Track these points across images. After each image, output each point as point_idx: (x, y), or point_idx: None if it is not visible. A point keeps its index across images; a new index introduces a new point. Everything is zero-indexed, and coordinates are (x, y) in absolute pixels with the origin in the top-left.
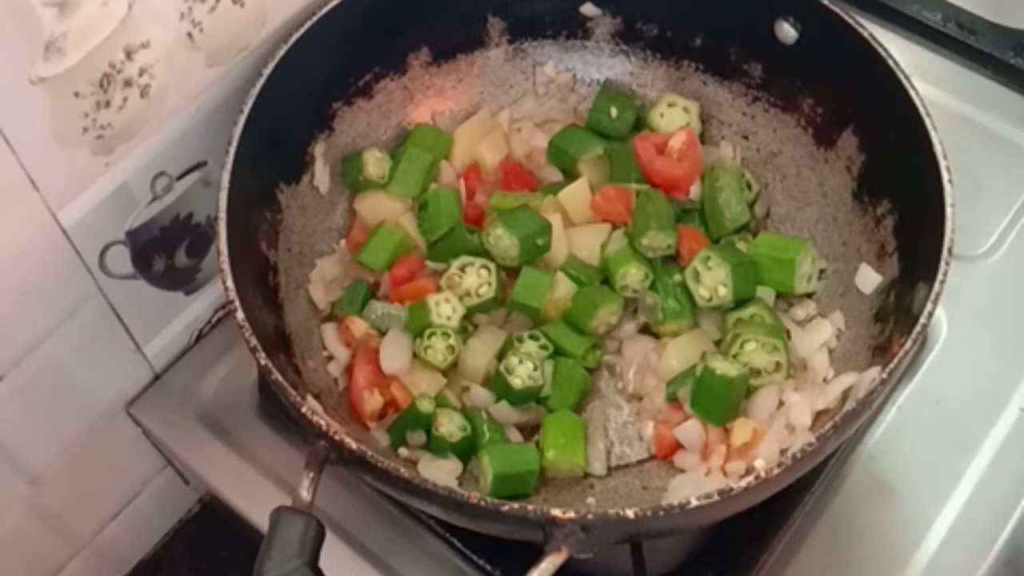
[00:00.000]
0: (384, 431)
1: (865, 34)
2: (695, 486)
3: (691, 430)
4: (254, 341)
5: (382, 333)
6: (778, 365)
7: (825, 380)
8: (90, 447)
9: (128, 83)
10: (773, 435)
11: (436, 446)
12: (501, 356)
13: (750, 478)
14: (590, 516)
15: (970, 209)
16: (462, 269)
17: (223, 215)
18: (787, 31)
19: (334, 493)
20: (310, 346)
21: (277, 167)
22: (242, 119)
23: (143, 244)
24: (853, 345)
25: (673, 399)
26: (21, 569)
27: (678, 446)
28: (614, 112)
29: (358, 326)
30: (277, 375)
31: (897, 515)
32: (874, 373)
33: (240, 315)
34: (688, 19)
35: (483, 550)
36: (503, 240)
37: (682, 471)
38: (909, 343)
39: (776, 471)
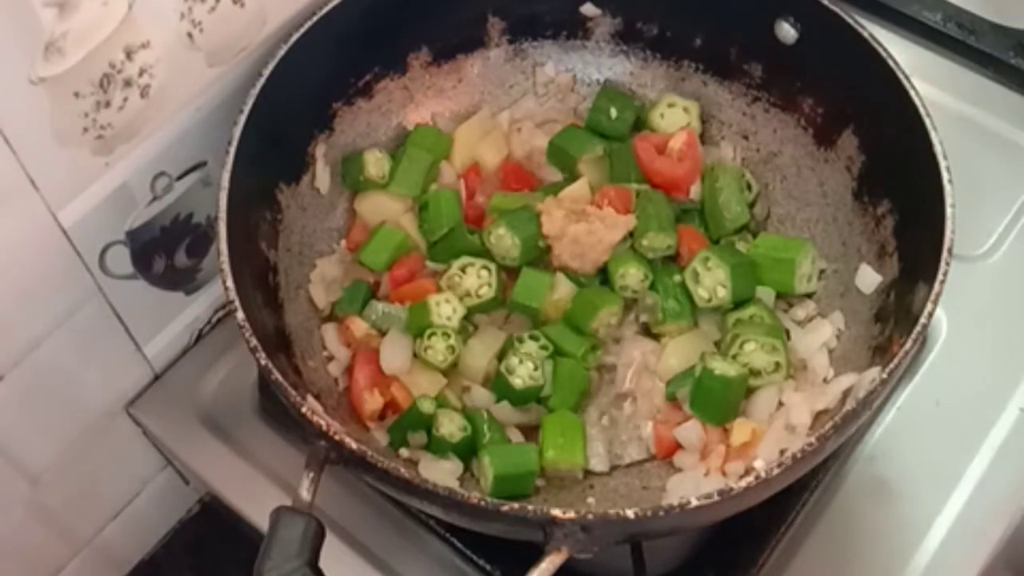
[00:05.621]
0: (384, 431)
1: (865, 34)
2: (694, 486)
3: (691, 430)
4: (254, 341)
5: (382, 333)
6: (777, 365)
7: (825, 380)
8: (90, 447)
9: (128, 83)
10: (773, 435)
11: (437, 446)
12: (501, 356)
13: (750, 478)
14: (590, 516)
15: (970, 209)
16: (462, 269)
17: (223, 215)
18: (787, 31)
19: (334, 493)
20: (310, 346)
21: (277, 167)
22: (242, 119)
23: (143, 244)
24: (853, 345)
25: (672, 399)
26: (21, 569)
27: (678, 446)
28: (614, 112)
29: (358, 326)
30: (277, 375)
31: (897, 515)
32: (874, 373)
33: (240, 315)
34: (688, 19)
35: (483, 550)
36: (504, 240)
37: (681, 471)
38: (909, 343)
39: (776, 471)
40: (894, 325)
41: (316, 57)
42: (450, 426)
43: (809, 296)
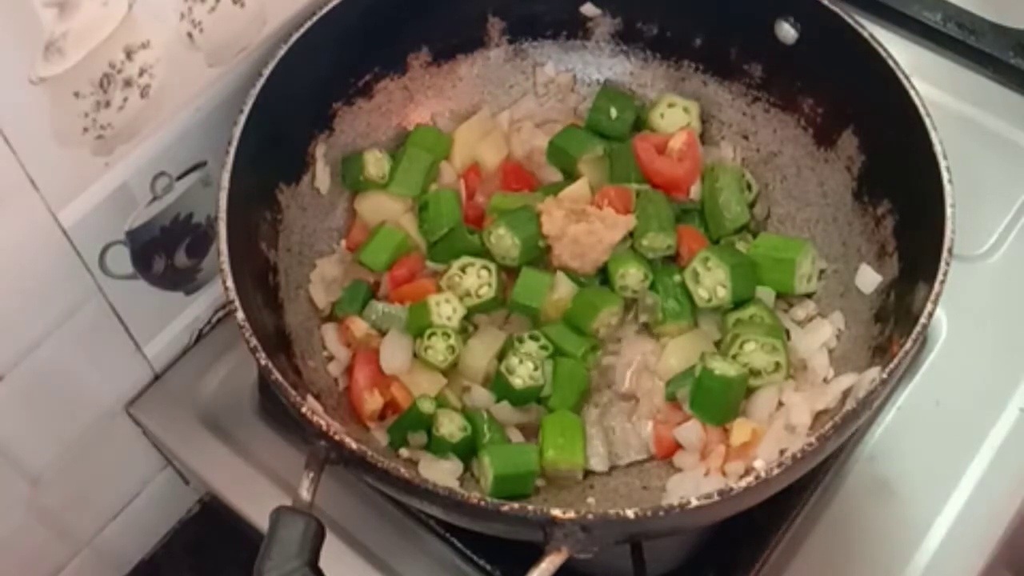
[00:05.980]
0: (384, 431)
1: (865, 34)
2: (694, 486)
3: (690, 430)
4: (254, 341)
5: (382, 333)
6: (777, 365)
7: (825, 380)
8: (90, 447)
9: (128, 83)
10: (773, 435)
11: (437, 446)
12: (501, 356)
13: (750, 478)
14: (590, 516)
15: (970, 209)
16: (462, 269)
17: (223, 215)
18: (787, 31)
19: (334, 493)
20: (310, 346)
21: (277, 167)
22: (242, 119)
23: (143, 244)
24: (853, 345)
25: (672, 399)
26: (21, 569)
27: (678, 446)
28: (614, 112)
29: (358, 326)
30: (277, 375)
31: (897, 515)
32: (874, 373)
33: (240, 315)
34: (688, 19)
35: (483, 550)
36: (505, 240)
37: (681, 471)
38: (909, 343)
39: (776, 471)
40: (894, 325)
41: (316, 57)
42: (450, 426)
43: (809, 296)
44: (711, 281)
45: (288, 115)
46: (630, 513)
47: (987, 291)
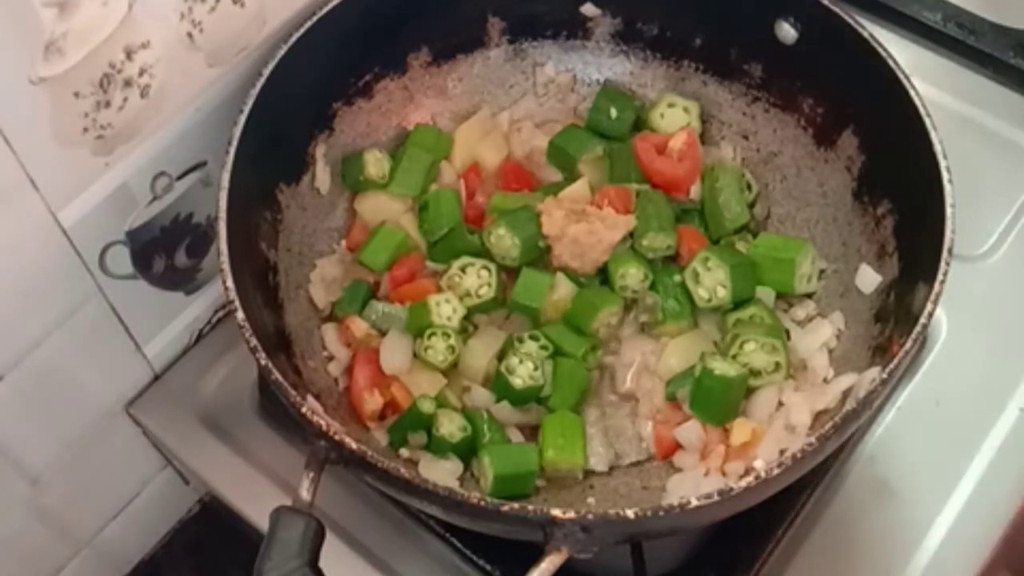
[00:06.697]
0: (384, 431)
1: (865, 34)
2: (694, 486)
3: (691, 430)
4: (254, 341)
5: (382, 333)
6: (777, 365)
7: (825, 380)
8: (90, 447)
9: (128, 83)
10: (772, 435)
11: (437, 446)
12: (501, 356)
13: (750, 478)
14: (590, 516)
15: (970, 209)
16: (462, 269)
17: (223, 215)
18: (787, 31)
19: (334, 493)
20: (310, 346)
21: (277, 167)
22: (242, 119)
23: (143, 244)
24: (853, 345)
25: (672, 399)
26: (21, 569)
27: (678, 446)
28: (614, 112)
29: (358, 326)
30: (277, 375)
31: (897, 515)
32: (874, 373)
33: (240, 315)
34: (688, 19)
35: (483, 550)
36: (504, 240)
37: (681, 471)
38: (909, 343)
39: (776, 471)
40: (894, 325)
41: (316, 57)
42: (450, 426)
43: (809, 296)
44: (711, 281)
45: (288, 115)
46: (630, 513)
47: (987, 291)
